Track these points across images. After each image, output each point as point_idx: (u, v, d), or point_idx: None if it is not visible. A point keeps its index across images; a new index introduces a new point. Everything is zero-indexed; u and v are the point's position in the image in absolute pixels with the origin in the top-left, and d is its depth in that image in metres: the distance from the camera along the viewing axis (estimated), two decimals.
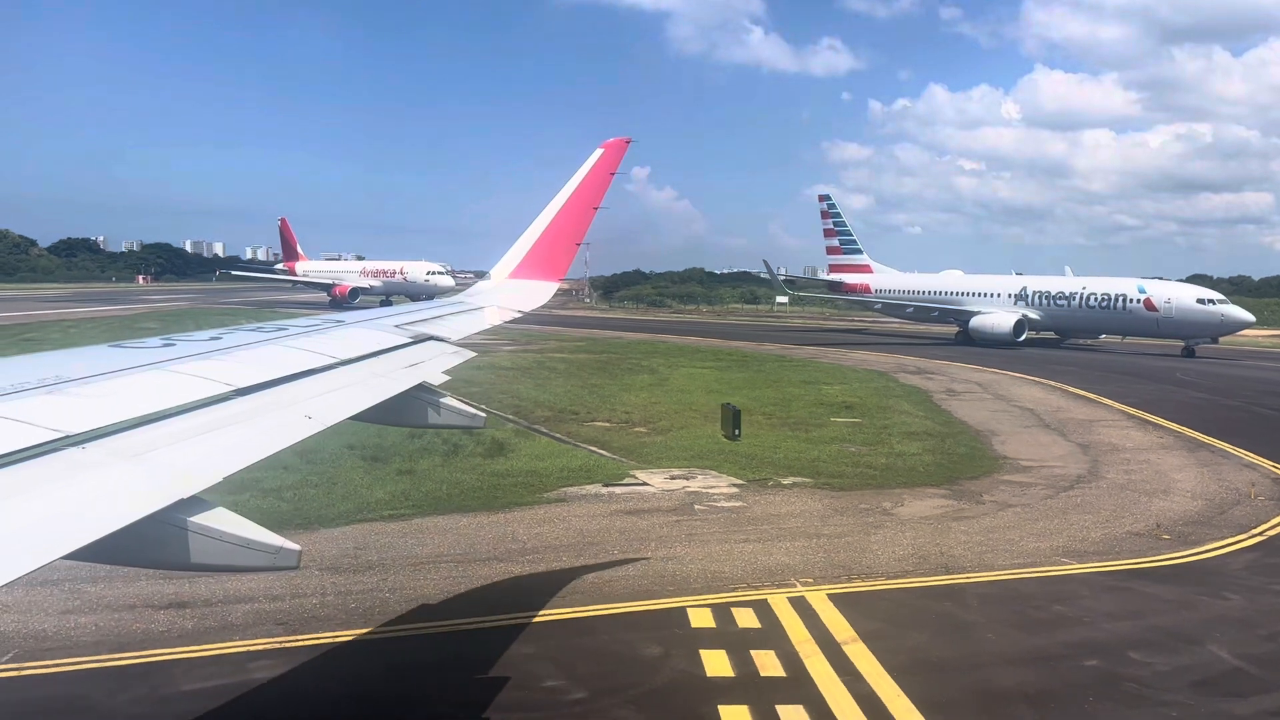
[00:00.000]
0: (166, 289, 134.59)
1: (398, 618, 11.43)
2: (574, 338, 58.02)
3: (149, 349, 5.49)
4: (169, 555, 3.85)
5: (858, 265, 73.83)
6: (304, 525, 15.20)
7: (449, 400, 6.75)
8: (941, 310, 62.41)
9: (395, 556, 13.93)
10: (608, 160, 10.41)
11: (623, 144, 10.48)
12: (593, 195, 10.31)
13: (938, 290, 65.24)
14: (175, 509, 3.76)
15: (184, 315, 67.26)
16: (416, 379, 6.50)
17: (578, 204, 10.33)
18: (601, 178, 10.35)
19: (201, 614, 11.35)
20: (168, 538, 3.80)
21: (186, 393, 4.68)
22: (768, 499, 18.11)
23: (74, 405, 4.13)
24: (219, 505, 3.99)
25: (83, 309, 73.90)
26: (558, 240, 10.46)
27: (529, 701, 9.31)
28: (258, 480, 17.07)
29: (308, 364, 5.80)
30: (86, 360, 5.07)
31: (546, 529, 15.60)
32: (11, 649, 10.08)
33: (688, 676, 9.90)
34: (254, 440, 4.52)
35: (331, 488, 17.53)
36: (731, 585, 12.93)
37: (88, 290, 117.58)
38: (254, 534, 4.06)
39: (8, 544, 3.05)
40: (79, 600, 11.49)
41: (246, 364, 5.49)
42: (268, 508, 15.77)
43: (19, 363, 5.13)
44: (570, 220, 10.37)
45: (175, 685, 9.50)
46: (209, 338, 6.09)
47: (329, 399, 5.35)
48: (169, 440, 4.16)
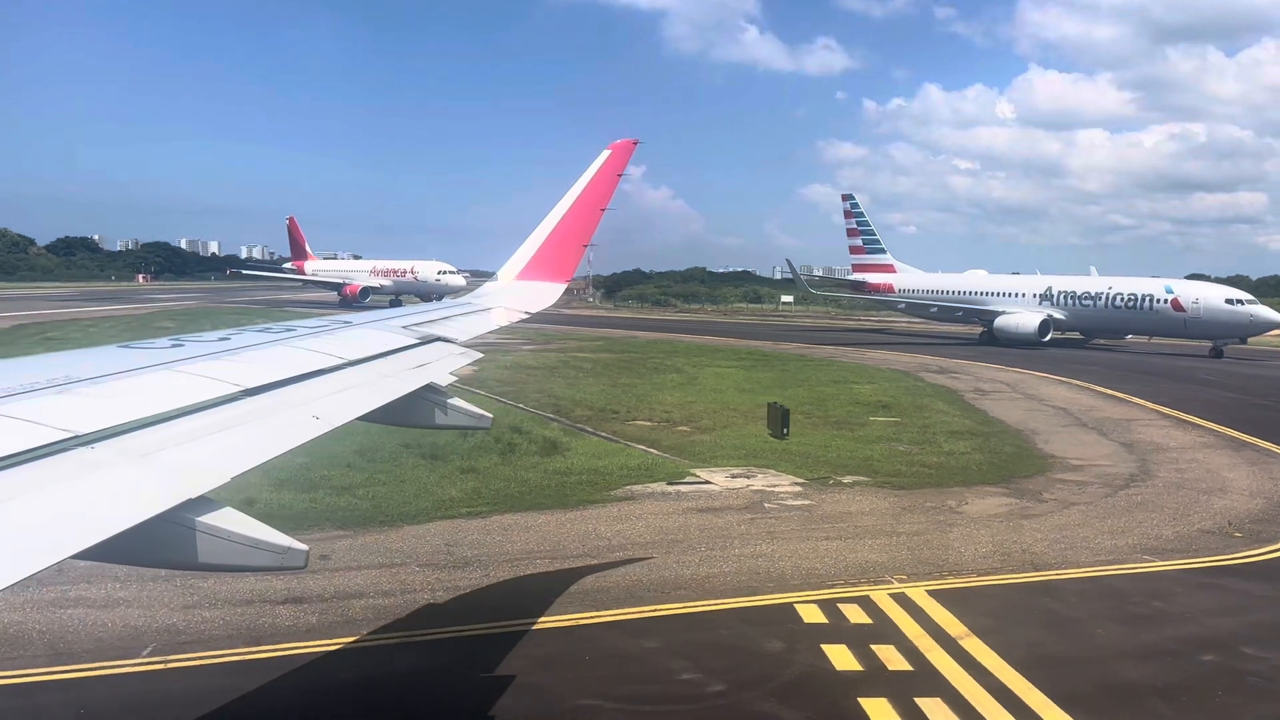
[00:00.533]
0: (168, 288, 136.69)
1: (518, 612, 11.89)
2: (589, 337, 59.20)
3: (158, 349, 5.60)
4: (177, 555, 3.92)
5: (881, 265, 74.59)
6: (388, 522, 15.69)
7: (456, 401, 6.82)
8: (966, 310, 63.13)
9: (489, 553, 14.32)
10: (615, 161, 10.54)
11: (630, 145, 10.61)
12: (600, 196, 10.42)
13: (962, 290, 65.99)
14: (183, 509, 3.82)
15: (197, 315, 68.90)
16: (424, 380, 6.57)
17: (585, 205, 10.46)
18: (609, 179, 10.48)
19: (321, 609, 11.74)
20: (176, 537, 3.87)
21: (195, 393, 4.77)
22: (834, 498, 18.49)
23: (83, 405, 4.23)
24: (227, 505, 4.06)
25: (95, 308, 75.67)
26: (565, 241, 10.57)
27: (673, 694, 9.68)
28: (326, 478, 17.91)
29: (315, 364, 5.88)
30: (96, 360, 5.18)
31: (626, 526, 15.96)
32: (148, 642, 10.49)
33: (818, 670, 10.20)
34: (262, 440, 4.58)
35: (401, 485, 18.00)
36: (828, 582, 13.31)
37: (93, 289, 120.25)
38: (262, 534, 4.09)
39: (17, 542, 3.12)
40: (195, 595, 11.91)
41: (255, 364, 5.59)
42: (346, 505, 16.51)
43: (29, 363, 5.26)
44: (578, 221, 10.50)
45: (333, 675, 10.00)
46: (217, 338, 6.21)
47: (337, 399, 5.43)
48: (177, 440, 4.24)
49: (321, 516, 15.76)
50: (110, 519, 3.43)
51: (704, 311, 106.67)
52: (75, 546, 3.19)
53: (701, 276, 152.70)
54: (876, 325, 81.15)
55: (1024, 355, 50.36)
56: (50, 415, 3.94)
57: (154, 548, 3.82)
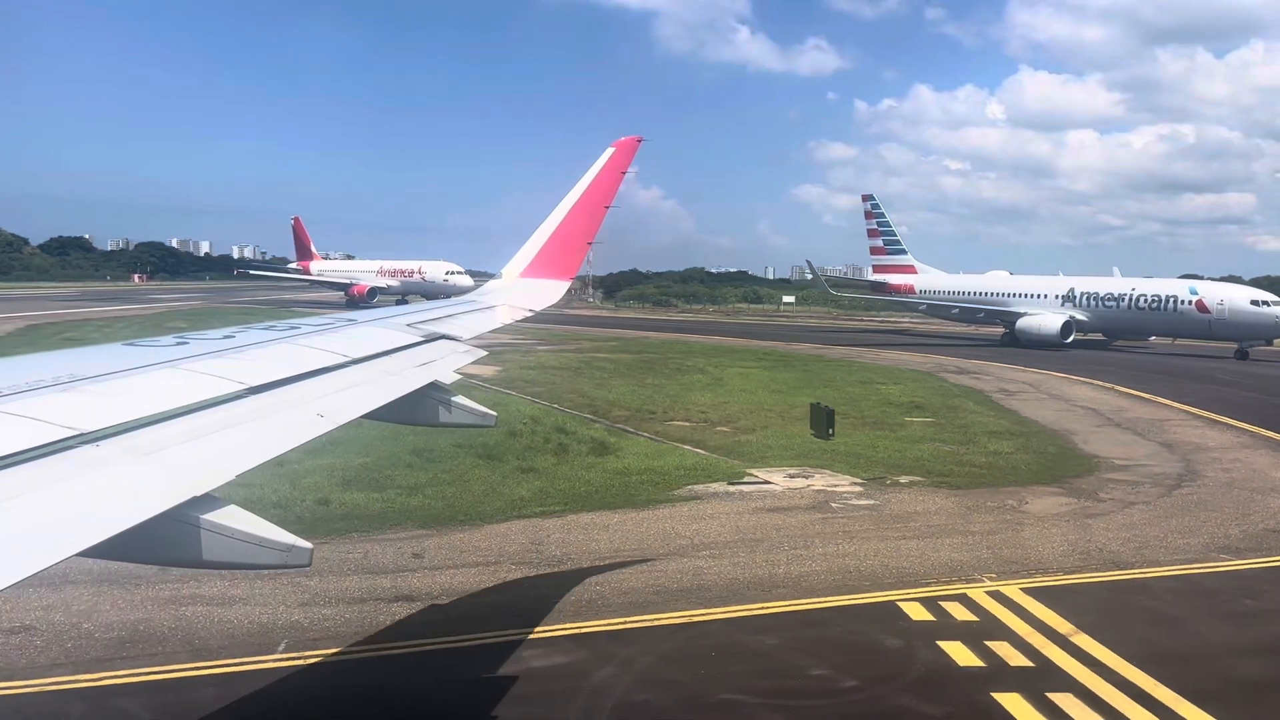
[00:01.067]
0: (167, 288, 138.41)
1: (628, 608, 12.33)
2: (601, 337, 60.59)
3: (162, 347, 5.68)
4: (182, 552, 3.97)
5: (902, 266, 75.28)
6: (468, 522, 16.25)
7: (460, 399, 6.86)
8: (987, 311, 63.60)
9: (576, 551, 14.77)
10: (619, 159, 10.57)
11: (634, 143, 10.67)
12: (604, 194, 10.46)
13: (983, 291, 66.56)
14: (188, 506, 3.88)
15: (206, 314, 70.94)
16: (428, 377, 6.63)
17: (589, 203, 10.51)
18: (613, 177, 10.52)
19: (441, 607, 12.29)
20: (181, 535, 3.91)
21: (199, 391, 4.84)
22: (897, 498, 18.85)
23: (88, 403, 4.30)
24: (231, 503, 4.10)
25: (103, 308, 76.95)
26: (569, 239, 10.63)
27: (810, 689, 10.05)
28: (391, 478, 18.63)
29: (320, 362, 5.94)
30: (100, 358, 5.26)
31: (702, 526, 16.40)
32: (280, 639, 10.87)
33: (942, 666, 10.50)
34: (266, 438, 4.64)
35: (467, 485, 18.56)
36: (921, 580, 13.66)
37: (94, 289, 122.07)
38: (266, 532, 4.12)
39: (23, 540, 3.17)
40: (306, 593, 12.39)
41: (259, 362, 5.66)
42: (420, 505, 17.07)
43: (34, 361, 5.39)
44: (581, 219, 10.56)
45: (475, 671, 10.31)
46: (222, 336, 6.28)
47: (341, 397, 5.49)
48: (182, 438, 4.31)
49: (401, 516, 16.28)
50: (115, 517, 3.49)
51: (705, 312, 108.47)
52: (80, 544, 3.24)
53: (700, 277, 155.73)
54: (880, 325, 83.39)
55: (1043, 356, 51.04)
56: (55, 413, 4.01)
57: (159, 545, 3.87)
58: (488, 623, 11.57)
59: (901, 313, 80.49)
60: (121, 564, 5.65)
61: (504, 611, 11.94)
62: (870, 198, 78.57)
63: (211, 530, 3.94)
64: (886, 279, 75.13)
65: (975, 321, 66.14)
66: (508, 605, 12.21)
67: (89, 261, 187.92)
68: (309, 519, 15.57)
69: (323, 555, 13.75)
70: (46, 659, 10.12)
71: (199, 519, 3.92)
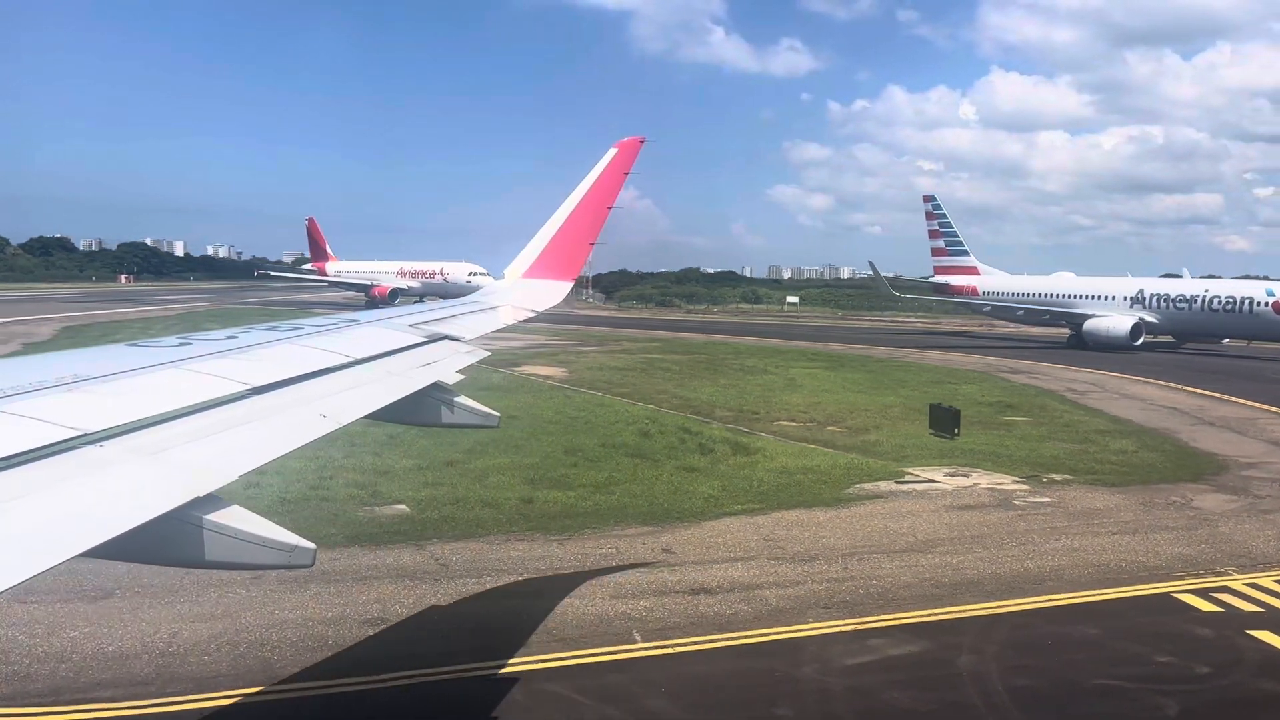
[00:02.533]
0: (160, 288, 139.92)
1: (928, 600, 13.28)
2: (639, 338, 63.39)
3: (165, 347, 5.87)
4: (185, 553, 4.06)
5: (964, 267, 76.80)
6: (684, 519, 17.43)
7: (463, 399, 7.04)
8: (1053, 313, 65.51)
9: (814, 548, 15.83)
10: (621, 160, 10.81)
11: (636, 144, 10.89)
12: (606, 195, 10.70)
13: (1048, 293, 67.84)
14: (191, 507, 3.98)
15: (241, 315, 72.79)
16: (431, 378, 6.77)
17: (591, 204, 10.72)
18: (615, 177, 10.75)
19: (742, 599, 13.22)
20: (184, 535, 3.99)
21: (202, 391, 5.01)
22: (1068, 495, 20.03)
23: (92, 403, 4.46)
24: (234, 504, 4.20)
25: (121, 310, 78.38)
26: (571, 240, 10.84)
27: (1168, 675, 10.83)
28: (568, 478, 20.03)
29: (323, 363, 6.09)
30: (103, 359, 5.49)
31: (909, 523, 17.51)
32: (630, 628, 12.08)
33: (1275, 653, 11.46)
34: (269, 439, 4.78)
35: (650, 484, 19.84)
36: (1164, 573, 14.59)
37: (97, 290, 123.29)
38: (270, 532, 4.19)
39: (26, 540, 3.27)
40: (623, 590, 13.48)
41: (262, 363, 5.83)
42: (618, 503, 18.22)
43: (37, 361, 5.66)
44: (584, 220, 10.78)
45: (835, 661, 11.26)
46: (224, 336, 6.51)
47: (344, 398, 5.64)
48: (185, 438, 4.45)
49: (610, 513, 17.59)
50: (118, 517, 3.57)
51: (710, 312, 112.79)
52: (84, 544, 3.33)
53: (696, 277, 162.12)
54: (891, 325, 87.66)
55: (1091, 357, 53.33)
56: (59, 413, 4.16)
57: (162, 546, 3.97)
58: (793, 615, 12.63)
59: (965, 315, 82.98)
60: None
61: (801, 602, 13.05)
62: (931, 198, 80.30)
63: (215, 530, 4.02)
64: (948, 280, 76.82)
65: (1040, 323, 68.32)
66: (801, 598, 13.26)
67: (72, 262, 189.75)
68: (534, 516, 17.22)
69: (582, 551, 15.44)
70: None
71: (202, 519, 4.01)
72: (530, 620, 12.25)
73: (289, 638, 11.39)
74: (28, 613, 11.50)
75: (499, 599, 13.19)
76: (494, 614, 12.67)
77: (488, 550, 15.37)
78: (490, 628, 12.19)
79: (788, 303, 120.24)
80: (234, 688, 9.94)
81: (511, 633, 11.84)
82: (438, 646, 11.46)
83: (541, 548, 15.61)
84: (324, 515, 16.51)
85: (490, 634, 11.96)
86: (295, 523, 14.04)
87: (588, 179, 10.94)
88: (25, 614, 11.47)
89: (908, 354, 54.84)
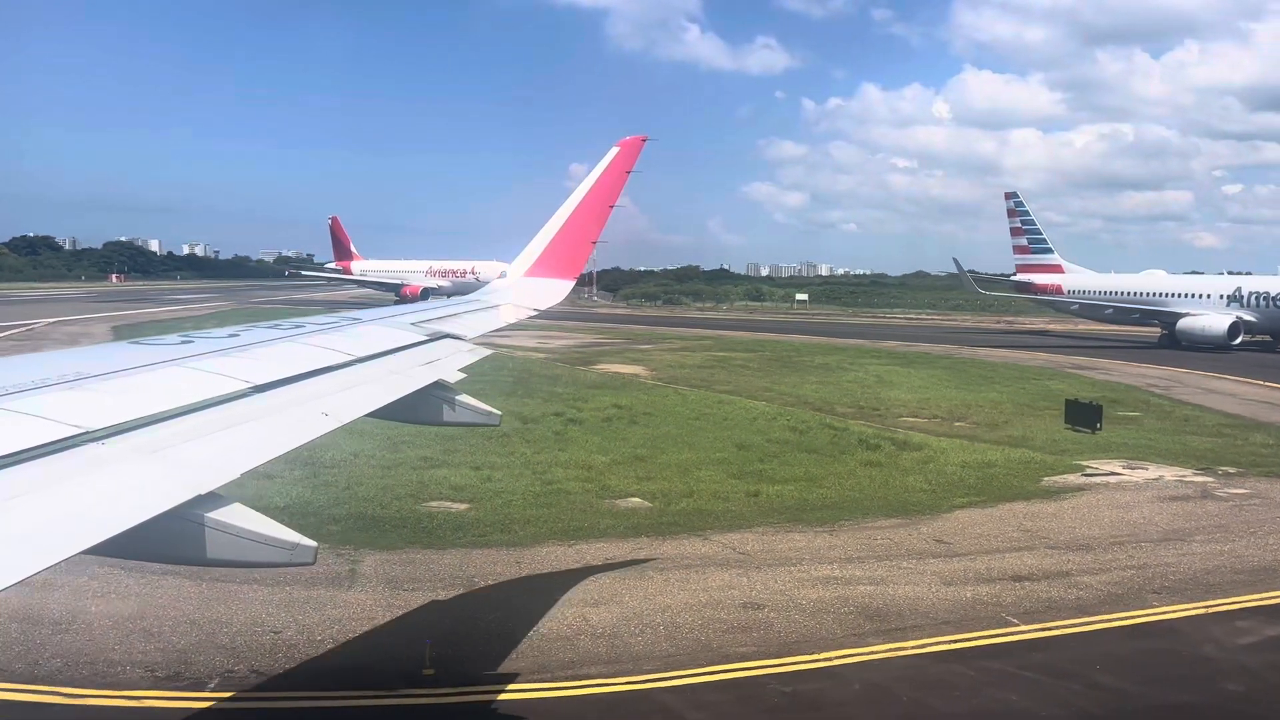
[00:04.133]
0: (157, 288, 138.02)
1: (1227, 586, 13.82)
2: (683, 336, 64.04)
3: (168, 345, 5.94)
4: (187, 550, 4.13)
5: (1048, 265, 76.04)
6: (918, 511, 18.01)
7: (464, 398, 7.06)
8: (1144, 311, 64.35)
9: (1074, 538, 16.43)
10: (623, 158, 10.87)
11: (639, 142, 10.94)
12: (609, 194, 10.76)
13: (1139, 291, 66.94)
14: (193, 505, 4.04)
15: (276, 314, 68.48)
16: (433, 376, 6.81)
17: (594, 202, 10.76)
18: (617, 176, 10.81)
19: (1061, 586, 13.94)
20: (186, 533, 4.06)
21: (205, 389, 5.06)
22: (1260, 487, 20.60)
23: (94, 401, 4.51)
24: (235, 501, 4.24)
25: (140, 310, 78.77)
26: (573, 239, 10.88)
27: None
28: (765, 472, 20.83)
29: (324, 361, 6.15)
30: (106, 357, 5.54)
31: (1138, 514, 18.12)
32: (1006, 612, 12.89)
33: None
34: (271, 437, 4.83)
35: (848, 479, 20.67)
36: None
37: (107, 290, 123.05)
38: (271, 530, 4.24)
39: (29, 538, 3.31)
40: (946, 576, 14.32)
41: (264, 361, 5.89)
42: (838, 496, 18.98)
43: (40, 359, 5.74)
44: (586, 219, 10.82)
45: (1227, 641, 11.88)
46: (227, 334, 6.56)
47: (346, 396, 5.70)
48: (187, 436, 4.49)
49: (842, 507, 18.17)
50: (120, 515, 3.62)
51: (721, 310, 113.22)
52: (86, 542, 3.38)
53: (697, 275, 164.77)
54: (904, 323, 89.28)
55: (1149, 354, 53.58)
56: (61, 411, 4.20)
57: (164, 543, 4.03)
58: (1187, 593, 13.49)
59: (1074, 316, 78.34)
60: None
61: (1108, 598, 13.53)
62: (1013, 195, 79.28)
63: (217, 528, 4.09)
64: (1032, 279, 75.93)
65: (1129, 322, 67.02)
66: (1145, 583, 13.98)
67: (60, 261, 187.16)
68: (768, 508, 17.89)
69: (860, 541, 16.05)
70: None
71: (204, 517, 4.08)
72: (908, 604, 12.96)
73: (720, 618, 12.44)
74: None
75: (840, 586, 13.67)
76: (864, 597, 13.24)
77: (771, 540, 16.01)
78: (880, 610, 12.76)
79: (797, 300, 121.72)
80: (686, 668, 10.80)
81: (903, 614, 12.61)
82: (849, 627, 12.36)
83: (821, 539, 16.17)
84: (578, 507, 17.27)
85: (884, 616, 12.59)
86: (557, 518, 16.39)
87: (590, 177, 10.96)
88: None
89: (959, 350, 55.38)
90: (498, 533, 15.82)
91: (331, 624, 11.71)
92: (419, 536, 15.45)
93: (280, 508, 15.11)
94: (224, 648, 10.99)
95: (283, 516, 4.49)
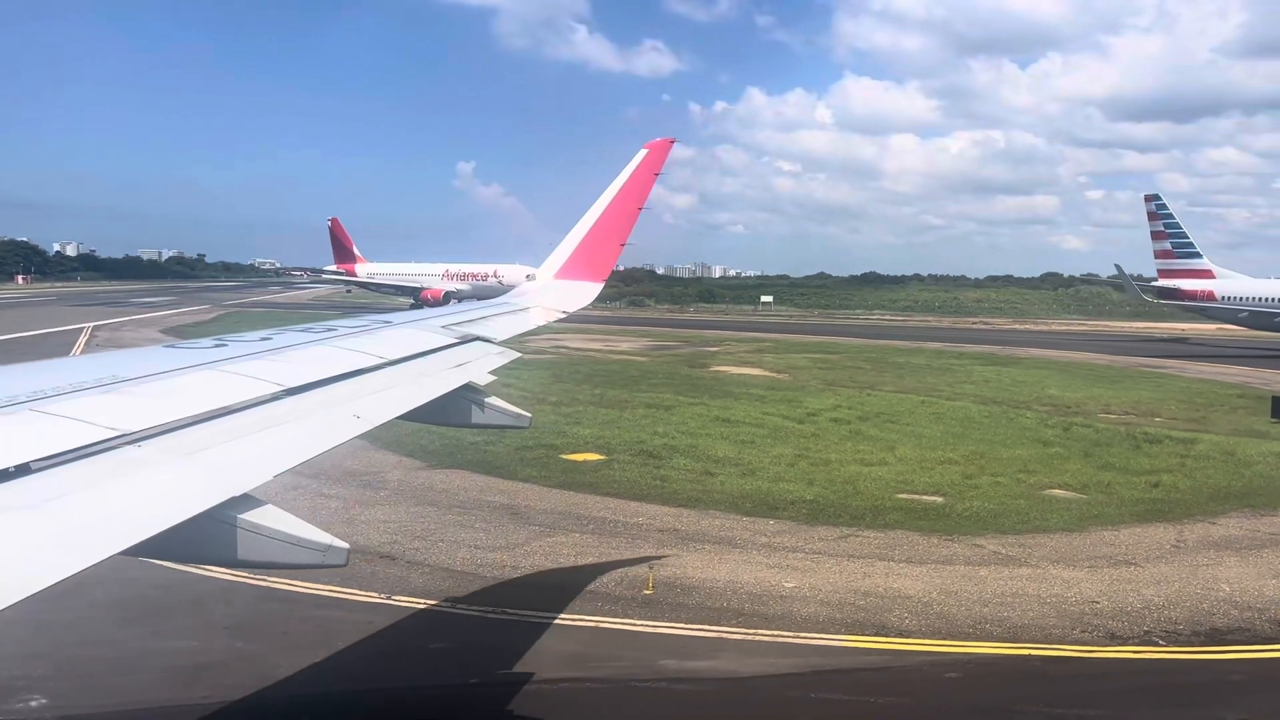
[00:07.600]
0: (73, 289, 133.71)
1: None
2: (741, 339, 62.88)
3: (202, 349, 6.02)
4: (221, 552, 4.19)
5: (1196, 270, 73.16)
6: (1261, 506, 18.95)
7: (495, 400, 7.13)
8: None
9: None
10: (651, 160, 10.91)
11: (667, 144, 11.02)
12: (638, 195, 10.81)
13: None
14: (227, 506, 4.11)
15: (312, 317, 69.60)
16: (463, 379, 6.88)
17: (623, 204, 10.80)
18: (645, 178, 10.86)
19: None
20: (219, 534, 4.13)
21: (238, 392, 5.13)
22: None
23: (130, 404, 4.57)
24: (268, 503, 4.31)
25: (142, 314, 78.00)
26: (603, 240, 10.92)
27: None
28: (1115, 462, 22.34)
29: (356, 364, 6.24)
30: (142, 360, 5.65)
31: None
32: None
33: None
34: (304, 439, 4.88)
35: (1136, 477, 21.18)
36: None
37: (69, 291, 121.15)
38: (304, 532, 4.31)
39: (66, 539, 3.35)
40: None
41: (296, 364, 5.94)
42: (1195, 486, 20.16)
43: (77, 363, 6.05)
44: (615, 221, 10.85)
45: None
46: (259, 338, 6.65)
47: (377, 398, 5.76)
48: (221, 438, 4.56)
49: (1161, 503, 18.80)
50: (156, 516, 3.68)
51: (688, 312, 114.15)
52: (124, 543, 3.42)
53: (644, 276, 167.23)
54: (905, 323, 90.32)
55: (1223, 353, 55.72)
56: (97, 414, 4.27)
57: (199, 545, 4.10)
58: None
59: (1226, 323, 75.42)
60: None
61: None
62: (1155, 198, 76.51)
63: (250, 530, 4.15)
64: (1179, 284, 73.11)
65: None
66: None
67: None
68: (1118, 503, 18.65)
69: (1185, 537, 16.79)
70: None
71: (237, 518, 4.14)
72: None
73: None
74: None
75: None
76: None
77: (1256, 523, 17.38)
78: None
79: (762, 301, 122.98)
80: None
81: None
82: None
83: (1192, 530, 16.79)
84: (865, 507, 17.65)
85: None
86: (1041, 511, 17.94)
87: (618, 180, 11.00)
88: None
89: (1000, 350, 56.29)
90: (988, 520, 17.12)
91: None
92: (906, 519, 16.84)
93: None
94: None
95: None
